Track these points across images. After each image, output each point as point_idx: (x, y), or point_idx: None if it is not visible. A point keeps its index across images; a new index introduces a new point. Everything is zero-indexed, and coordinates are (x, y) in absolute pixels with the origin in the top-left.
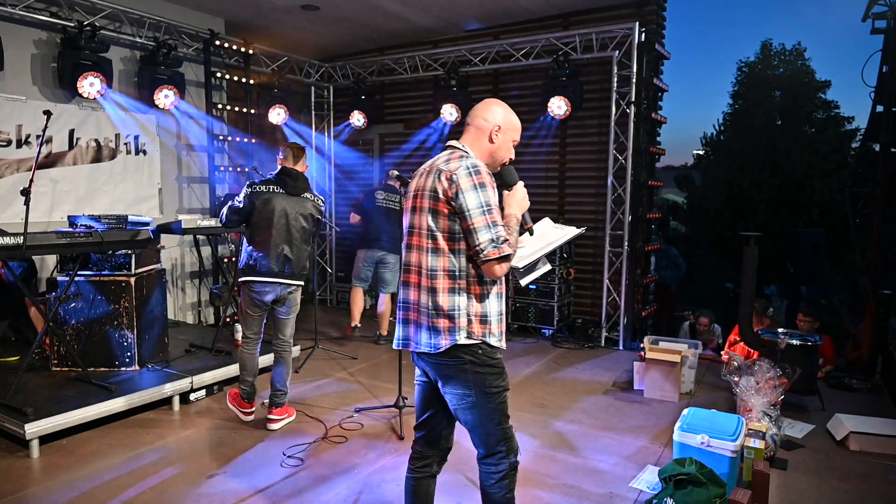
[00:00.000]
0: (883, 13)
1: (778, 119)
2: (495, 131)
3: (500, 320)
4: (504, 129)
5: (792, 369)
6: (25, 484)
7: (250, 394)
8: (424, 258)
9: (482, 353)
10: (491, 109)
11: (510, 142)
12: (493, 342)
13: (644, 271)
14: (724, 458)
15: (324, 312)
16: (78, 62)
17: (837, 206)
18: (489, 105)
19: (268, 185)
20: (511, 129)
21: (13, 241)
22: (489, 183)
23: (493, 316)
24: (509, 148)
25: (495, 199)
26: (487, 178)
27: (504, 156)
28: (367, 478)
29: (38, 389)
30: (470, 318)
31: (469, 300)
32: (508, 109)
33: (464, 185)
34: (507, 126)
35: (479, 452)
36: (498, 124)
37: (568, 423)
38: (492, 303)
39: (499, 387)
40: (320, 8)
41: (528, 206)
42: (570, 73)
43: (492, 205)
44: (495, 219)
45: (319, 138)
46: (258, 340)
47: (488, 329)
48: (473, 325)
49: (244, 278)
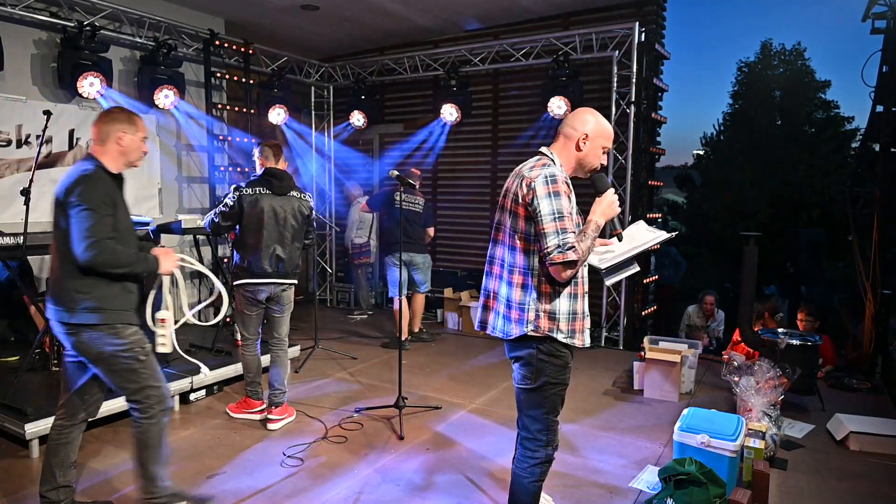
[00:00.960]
0: (883, 13)
1: (778, 119)
2: (583, 139)
3: (570, 318)
4: (592, 137)
5: (792, 369)
6: (25, 484)
7: (259, 392)
8: (506, 253)
9: (547, 346)
10: (581, 118)
11: (599, 149)
12: (560, 338)
13: (644, 271)
14: (724, 458)
15: (322, 312)
16: (78, 62)
17: (837, 206)
18: (580, 114)
19: (254, 186)
20: (600, 136)
21: (13, 241)
22: (564, 192)
23: (561, 314)
24: (598, 155)
25: (569, 206)
26: (563, 187)
27: (592, 162)
28: (367, 478)
29: (38, 389)
30: (538, 313)
31: (539, 297)
32: (599, 117)
33: (539, 193)
34: (595, 134)
35: (522, 434)
36: (586, 133)
37: (568, 423)
38: (561, 302)
39: (556, 379)
40: (320, 8)
41: (616, 212)
42: (570, 73)
43: (563, 212)
44: (565, 226)
45: (319, 138)
46: (257, 340)
47: (556, 326)
48: (541, 321)
49: (239, 281)
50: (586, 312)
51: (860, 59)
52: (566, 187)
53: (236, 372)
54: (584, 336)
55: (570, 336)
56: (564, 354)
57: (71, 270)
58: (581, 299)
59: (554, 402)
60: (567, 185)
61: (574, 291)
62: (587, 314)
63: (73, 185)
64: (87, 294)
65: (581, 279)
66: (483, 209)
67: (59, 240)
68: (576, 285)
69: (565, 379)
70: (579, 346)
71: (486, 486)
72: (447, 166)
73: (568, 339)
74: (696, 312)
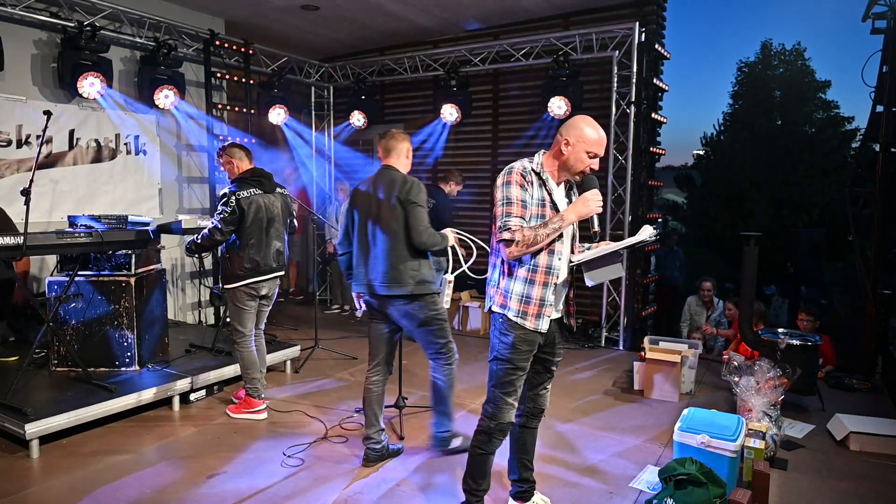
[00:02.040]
0: (883, 13)
1: (778, 119)
2: (564, 144)
3: (521, 300)
4: (574, 143)
5: (792, 369)
6: (25, 484)
7: (259, 389)
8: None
9: (502, 322)
10: (569, 124)
11: (582, 154)
12: (509, 315)
13: (644, 271)
14: (724, 458)
15: (322, 312)
16: (78, 62)
17: (837, 206)
18: (571, 121)
19: (247, 189)
20: (583, 142)
21: (13, 241)
22: (516, 182)
23: (514, 294)
24: (581, 160)
25: (520, 195)
26: (517, 177)
27: (574, 166)
28: (367, 478)
29: (38, 389)
30: (497, 289)
31: (500, 276)
32: (588, 125)
33: (498, 183)
34: (577, 140)
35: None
36: (567, 138)
37: (568, 423)
38: (515, 283)
39: (503, 356)
40: (320, 8)
41: (590, 211)
42: (570, 73)
43: (511, 199)
44: (510, 210)
45: (319, 138)
46: (253, 336)
47: (507, 303)
48: (497, 296)
49: (245, 281)
50: (546, 301)
51: (860, 59)
52: (520, 178)
53: (236, 372)
54: (538, 322)
55: (519, 316)
56: (512, 334)
57: (404, 255)
58: (539, 287)
59: (500, 378)
60: (523, 177)
61: (531, 277)
62: (548, 303)
63: (411, 188)
64: (417, 271)
65: (543, 268)
66: (483, 209)
67: (394, 233)
68: (534, 272)
69: (513, 359)
70: (530, 328)
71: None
72: (447, 166)
73: (517, 318)
74: (696, 301)
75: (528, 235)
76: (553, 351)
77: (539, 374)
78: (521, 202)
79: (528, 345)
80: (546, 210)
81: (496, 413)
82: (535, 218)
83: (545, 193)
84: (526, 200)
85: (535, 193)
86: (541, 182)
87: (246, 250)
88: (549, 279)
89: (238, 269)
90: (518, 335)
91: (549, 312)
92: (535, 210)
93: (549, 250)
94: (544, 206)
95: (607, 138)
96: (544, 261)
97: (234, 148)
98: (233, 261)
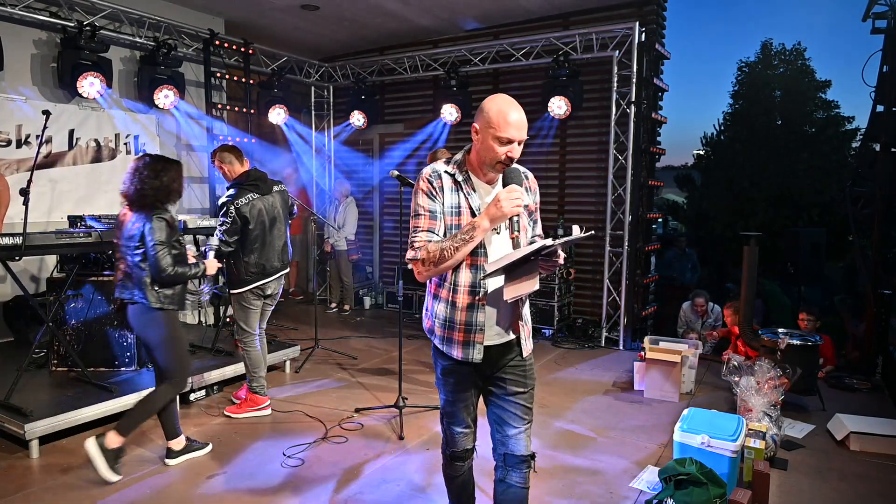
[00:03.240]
0: (883, 13)
1: (778, 119)
2: (474, 132)
3: (444, 325)
4: (480, 128)
5: (792, 369)
6: (25, 484)
7: (264, 388)
8: None
9: (433, 348)
10: (478, 109)
11: (490, 141)
12: (435, 342)
13: (644, 271)
14: (724, 458)
15: (322, 312)
16: (78, 62)
17: (837, 206)
18: (482, 103)
19: (246, 195)
20: (490, 127)
21: (13, 241)
22: (423, 189)
23: (437, 318)
24: (491, 148)
25: (426, 204)
26: (423, 184)
27: (487, 157)
28: (366, 478)
29: (38, 389)
30: (426, 311)
31: (427, 296)
32: (493, 103)
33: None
34: (483, 125)
35: None
36: (474, 125)
37: (568, 423)
38: (438, 306)
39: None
40: (320, 8)
41: (504, 213)
42: (570, 73)
43: (418, 210)
44: (416, 223)
45: (319, 138)
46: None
47: (433, 328)
48: (425, 320)
49: (253, 285)
50: (474, 325)
51: (860, 59)
52: (426, 185)
53: (235, 372)
54: (467, 350)
55: (443, 343)
56: (439, 364)
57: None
58: (462, 309)
59: (442, 407)
60: (430, 182)
61: (451, 298)
62: (476, 328)
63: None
64: None
65: (465, 287)
66: None
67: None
68: (454, 291)
69: (446, 390)
70: (457, 357)
71: (486, 485)
72: None
73: (441, 346)
74: (690, 310)
75: (434, 251)
76: (508, 381)
77: (502, 409)
78: (429, 213)
79: (459, 377)
80: (463, 218)
81: (449, 441)
82: (451, 229)
83: (461, 198)
84: (435, 210)
85: (447, 200)
86: (455, 185)
87: (251, 255)
88: (475, 300)
89: (244, 275)
90: (445, 366)
91: (479, 339)
92: (449, 220)
93: (471, 265)
94: (460, 215)
95: (607, 138)
96: (466, 278)
97: (224, 152)
98: (238, 266)
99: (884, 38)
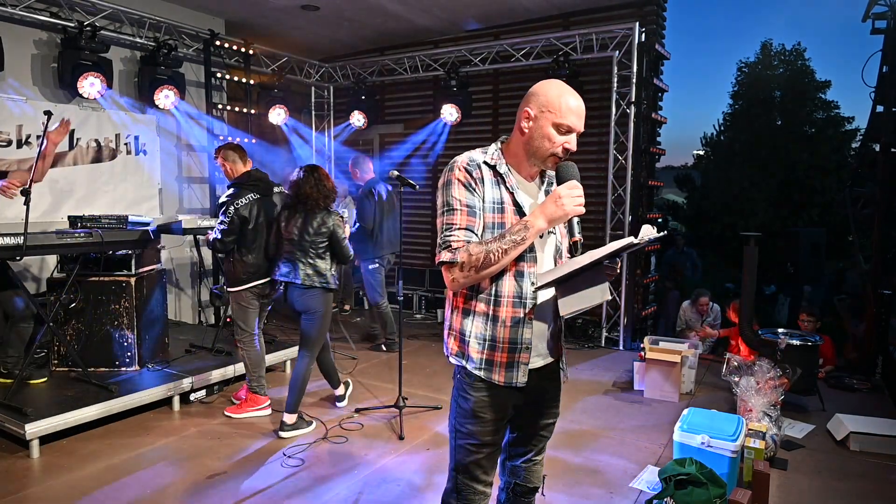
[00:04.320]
0: (883, 13)
1: (778, 119)
2: (524, 119)
3: (484, 345)
4: (536, 114)
5: (792, 369)
6: (25, 484)
7: (265, 387)
8: None
9: (459, 379)
10: (530, 92)
11: (549, 128)
12: (469, 367)
13: (644, 271)
14: (724, 459)
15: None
16: (78, 62)
17: (837, 206)
18: (533, 88)
19: (245, 195)
20: (548, 111)
21: (13, 241)
22: (460, 180)
23: (472, 337)
24: (548, 136)
25: (464, 197)
26: (460, 174)
27: (541, 147)
28: (367, 478)
29: (38, 389)
30: (450, 331)
31: (453, 312)
32: (553, 89)
33: (440, 183)
34: (540, 109)
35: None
36: (527, 109)
37: (568, 423)
38: (474, 322)
39: (462, 427)
40: (320, 8)
41: (566, 213)
42: (570, 73)
43: (452, 205)
44: (453, 220)
45: (319, 138)
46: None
47: (465, 350)
48: (451, 342)
49: (250, 284)
50: (520, 344)
51: (860, 59)
52: (464, 175)
53: (236, 372)
54: (511, 373)
55: (482, 367)
56: (472, 398)
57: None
58: (506, 325)
59: (462, 460)
60: (468, 172)
61: (492, 312)
62: (521, 347)
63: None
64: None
65: (509, 298)
66: None
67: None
68: (496, 304)
69: (477, 433)
70: (499, 383)
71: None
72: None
73: (479, 371)
74: (691, 309)
75: (478, 254)
76: (542, 410)
77: (525, 437)
78: (468, 208)
79: (498, 410)
80: (506, 216)
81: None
82: (492, 228)
83: (504, 193)
84: (474, 205)
85: (487, 194)
86: (497, 178)
87: (248, 255)
88: (520, 313)
89: (242, 274)
90: (480, 397)
91: (525, 359)
92: (490, 218)
93: (517, 272)
94: (503, 212)
95: (607, 138)
96: (510, 287)
97: (228, 150)
98: (236, 265)
99: (884, 38)
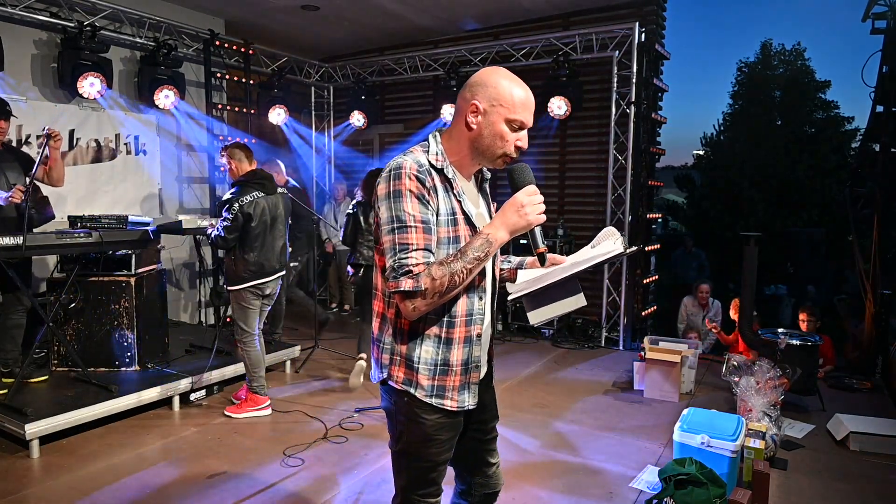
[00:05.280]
0: (883, 13)
1: (778, 119)
2: (471, 112)
3: (435, 371)
4: (486, 108)
5: (792, 369)
6: (25, 484)
7: (265, 387)
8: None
9: (407, 404)
10: (475, 82)
11: (501, 124)
12: (419, 395)
13: (644, 271)
14: (724, 458)
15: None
16: (78, 62)
17: (837, 206)
18: (478, 76)
19: (249, 193)
20: (501, 105)
21: (13, 241)
22: (410, 191)
23: (421, 362)
24: (500, 134)
25: (421, 212)
26: (410, 183)
27: (492, 146)
28: (367, 478)
29: (38, 389)
30: (393, 356)
31: (395, 334)
32: (500, 79)
33: (379, 193)
34: (491, 102)
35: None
36: (475, 101)
37: (568, 423)
38: (423, 346)
39: (414, 451)
40: (320, 8)
41: (530, 222)
42: (570, 73)
43: (404, 221)
44: (406, 240)
45: (319, 138)
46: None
47: (414, 378)
48: (395, 368)
49: (251, 283)
50: (471, 363)
51: (860, 59)
52: (416, 184)
53: (235, 372)
54: (463, 396)
55: (433, 394)
56: (426, 422)
57: None
58: (459, 346)
59: (413, 479)
60: (420, 181)
61: (446, 335)
62: (472, 365)
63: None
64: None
65: (461, 317)
66: None
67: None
68: (450, 326)
69: (429, 455)
70: (451, 408)
71: None
72: None
73: (431, 399)
74: (692, 302)
75: (441, 277)
76: (485, 416)
77: (479, 448)
78: (423, 224)
79: (453, 427)
80: (459, 229)
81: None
82: (447, 244)
83: (454, 201)
84: (428, 220)
85: (441, 205)
86: (446, 183)
87: (250, 253)
88: (472, 331)
89: (243, 272)
90: (435, 419)
91: (475, 378)
92: (444, 232)
93: (467, 287)
94: (456, 224)
95: (607, 138)
96: (462, 305)
97: (235, 149)
98: (237, 264)
99: (883, 38)
